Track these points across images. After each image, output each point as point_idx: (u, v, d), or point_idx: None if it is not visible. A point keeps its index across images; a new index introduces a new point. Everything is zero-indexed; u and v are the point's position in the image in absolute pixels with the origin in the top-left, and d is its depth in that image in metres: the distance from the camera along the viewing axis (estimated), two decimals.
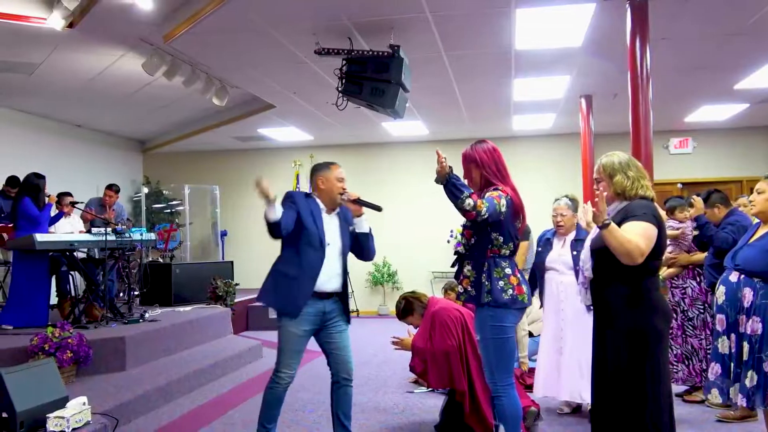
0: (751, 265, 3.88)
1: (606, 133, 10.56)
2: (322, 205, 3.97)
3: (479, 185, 3.55)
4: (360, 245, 4.06)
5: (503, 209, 3.36)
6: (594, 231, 3.28)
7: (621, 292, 3.03)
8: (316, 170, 4.02)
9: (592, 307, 3.28)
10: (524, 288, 3.47)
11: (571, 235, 4.95)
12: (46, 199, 6.89)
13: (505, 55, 7.14)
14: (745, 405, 3.97)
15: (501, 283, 3.39)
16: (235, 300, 9.31)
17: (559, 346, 4.86)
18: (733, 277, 4.66)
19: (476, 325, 3.55)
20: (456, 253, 3.63)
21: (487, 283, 3.40)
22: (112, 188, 8.45)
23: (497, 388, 3.46)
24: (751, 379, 3.68)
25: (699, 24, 6.28)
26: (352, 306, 11.59)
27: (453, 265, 3.66)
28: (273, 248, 3.94)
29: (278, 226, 3.64)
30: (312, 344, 4.01)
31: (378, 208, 3.96)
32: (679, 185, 11.50)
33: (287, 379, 3.88)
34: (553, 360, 4.89)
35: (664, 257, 3.46)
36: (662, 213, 3.25)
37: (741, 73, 8.05)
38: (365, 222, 4.05)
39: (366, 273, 12.39)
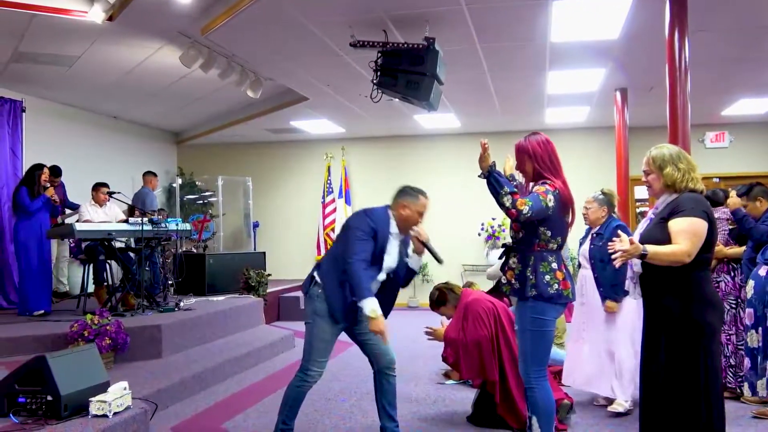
0: None
1: (641, 126, 10.44)
2: (394, 228, 3.91)
3: (531, 177, 3.56)
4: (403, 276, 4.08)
5: (550, 204, 3.35)
6: (642, 225, 3.24)
7: (672, 287, 2.99)
8: (404, 194, 3.93)
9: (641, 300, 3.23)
10: (569, 283, 3.46)
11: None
12: (48, 189, 7.08)
13: (541, 48, 7.08)
14: None
15: (547, 277, 3.39)
16: (267, 290, 9.40)
17: (581, 338, 5.07)
18: (762, 271, 4.64)
19: (516, 315, 3.55)
20: (504, 245, 3.64)
21: (532, 277, 3.40)
22: (154, 173, 9.35)
23: (530, 379, 3.46)
24: None
25: (738, 16, 6.16)
26: None
27: (501, 257, 3.66)
28: (305, 239, 3.97)
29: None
30: (341, 334, 4.03)
31: (440, 261, 3.96)
32: (716, 179, 11.33)
33: (316, 377, 3.87)
34: (575, 350, 5.11)
35: None
36: None
37: None
38: (419, 261, 4.05)
39: None
